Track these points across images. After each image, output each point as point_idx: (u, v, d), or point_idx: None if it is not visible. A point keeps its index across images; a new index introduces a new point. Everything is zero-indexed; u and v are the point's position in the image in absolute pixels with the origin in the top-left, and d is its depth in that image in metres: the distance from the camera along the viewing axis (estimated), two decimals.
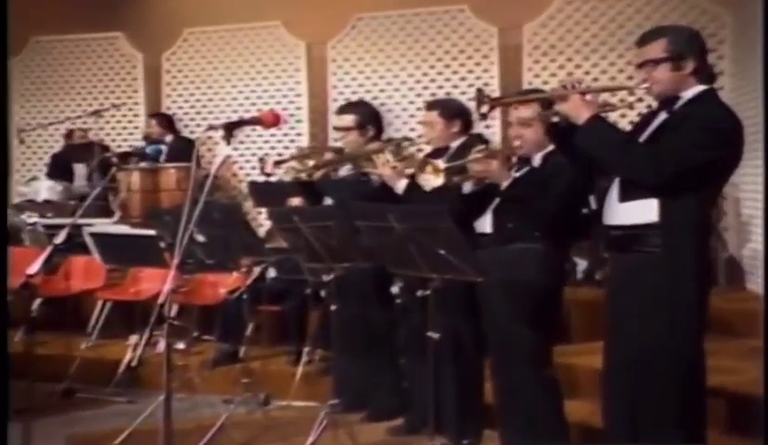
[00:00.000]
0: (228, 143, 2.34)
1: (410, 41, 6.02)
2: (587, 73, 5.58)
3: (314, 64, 6.30)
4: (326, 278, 3.41)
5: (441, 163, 2.97)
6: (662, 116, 2.56)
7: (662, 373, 2.44)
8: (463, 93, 5.71)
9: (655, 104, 2.63)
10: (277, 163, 3.74)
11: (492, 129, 5.60)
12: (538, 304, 2.89)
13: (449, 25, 5.93)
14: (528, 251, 2.91)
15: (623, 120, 4.83)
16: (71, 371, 4.30)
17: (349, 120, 3.80)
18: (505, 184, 2.89)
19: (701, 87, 2.53)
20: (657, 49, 2.51)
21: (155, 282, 4.51)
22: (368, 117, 3.82)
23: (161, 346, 4.36)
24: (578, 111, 2.48)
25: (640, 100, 2.62)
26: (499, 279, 2.89)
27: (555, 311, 3.00)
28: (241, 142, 6.38)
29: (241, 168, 6.48)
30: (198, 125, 6.52)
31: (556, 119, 2.58)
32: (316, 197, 3.80)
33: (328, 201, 3.76)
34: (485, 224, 3.08)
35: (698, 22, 5.34)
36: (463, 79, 5.90)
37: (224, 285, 4.60)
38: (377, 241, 2.90)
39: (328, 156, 3.92)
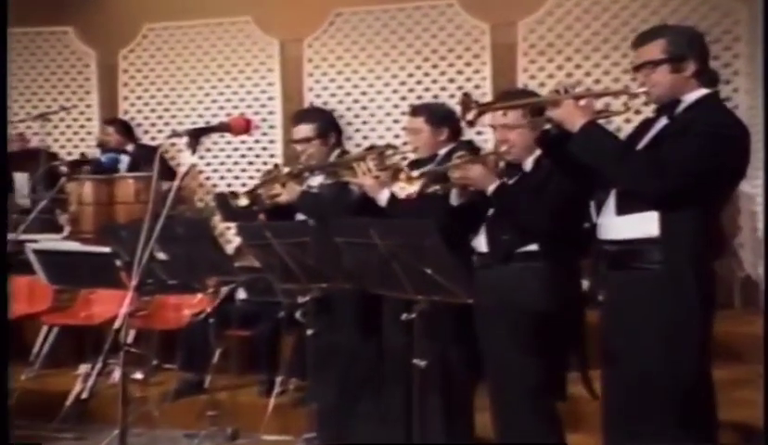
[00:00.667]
0: (194, 151, 2.36)
1: (394, 39, 6.08)
2: (588, 74, 5.65)
3: (289, 64, 6.35)
4: (301, 300, 3.44)
5: (414, 171, 3.02)
6: (662, 122, 2.61)
7: (664, 403, 2.47)
8: (452, 96, 5.76)
9: (648, 110, 2.69)
10: (249, 193, 3.74)
11: (483, 135, 5.65)
12: (540, 330, 2.91)
13: (437, 21, 6.00)
14: (528, 271, 2.95)
15: (628, 125, 4.91)
16: (10, 404, 4.27)
17: (307, 130, 3.82)
18: (490, 188, 2.93)
19: (704, 91, 2.59)
20: (655, 50, 2.57)
21: (109, 305, 4.51)
22: (327, 123, 3.85)
23: (116, 376, 4.34)
24: (571, 118, 2.52)
25: (645, 105, 2.68)
26: (497, 302, 2.93)
27: (562, 338, 3.00)
28: (208, 150, 6.40)
29: (208, 178, 6.49)
30: (160, 131, 6.53)
31: (547, 126, 2.63)
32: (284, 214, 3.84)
33: (300, 218, 3.78)
34: (481, 242, 3.12)
35: (711, 18, 5.43)
36: (452, 81, 5.96)
37: (187, 307, 4.60)
38: (357, 259, 2.93)
39: (285, 171, 3.93)
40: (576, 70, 5.69)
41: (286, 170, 3.73)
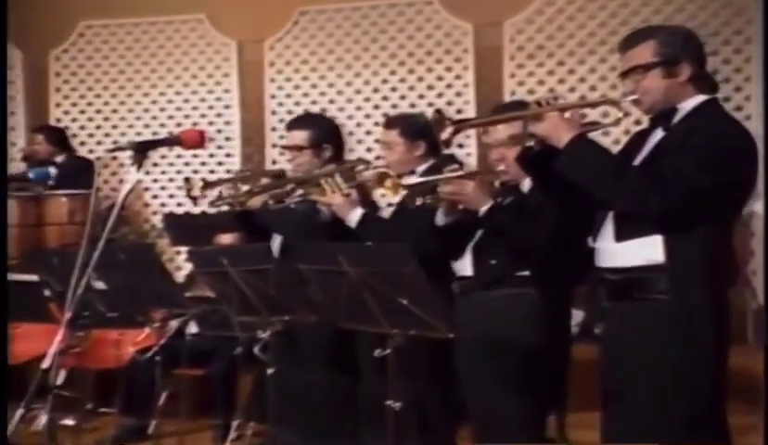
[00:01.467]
0: (139, 167, 2.36)
1: (366, 40, 6.12)
2: (582, 80, 5.72)
3: (248, 68, 6.37)
4: (261, 335, 3.45)
5: (404, 179, 3.04)
6: (658, 134, 2.65)
7: None
8: (430, 105, 5.81)
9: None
10: (206, 185, 3.76)
11: (466, 149, 5.71)
12: (530, 365, 2.95)
13: (414, 21, 6.05)
14: (516, 298, 2.99)
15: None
16: None
17: (300, 137, 3.87)
18: (483, 209, 2.96)
19: (702, 97, 2.63)
20: (645, 53, 2.61)
21: (36, 341, 4.46)
22: (325, 134, 3.90)
23: (42, 421, 4.30)
24: (557, 132, 2.55)
25: (627, 114, 2.72)
26: (481, 334, 2.96)
27: (552, 374, 3.06)
28: (155, 165, 6.39)
29: (155, 197, 6.48)
30: (99, 142, 6.51)
31: (530, 142, 2.65)
32: (257, 232, 3.85)
33: (277, 238, 3.80)
34: (465, 266, 3.15)
35: (721, 16, 5.50)
36: (431, 87, 6.01)
37: (130, 343, 4.58)
38: (325, 289, 2.95)
39: (266, 181, 3.96)
40: (569, 76, 5.72)
41: (245, 188, 3.75)
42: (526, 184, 3.06)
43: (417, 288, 2.69)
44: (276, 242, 3.78)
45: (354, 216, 3.50)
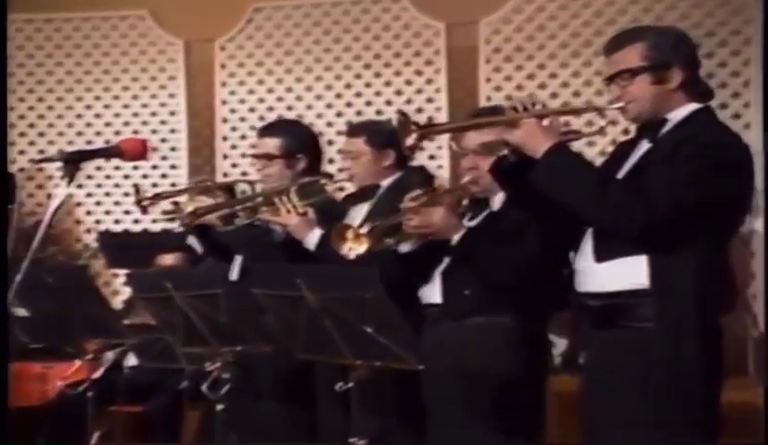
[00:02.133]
0: (71, 180, 2.35)
1: (328, 41, 6.14)
2: (565, 85, 5.76)
3: (196, 70, 6.36)
4: (210, 367, 3.43)
5: (363, 227, 3.04)
6: (644, 145, 2.68)
7: None
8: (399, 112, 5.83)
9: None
10: (156, 197, 3.75)
11: (437, 161, 5.73)
12: (505, 399, 2.97)
13: (380, 20, 6.08)
14: (491, 328, 3.01)
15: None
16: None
17: (272, 145, 3.87)
18: (456, 237, 2.97)
19: (694, 106, 2.67)
20: (632, 56, 2.64)
21: None
22: (300, 142, 3.90)
23: None
24: (534, 141, 2.56)
25: (613, 123, 2.76)
26: (452, 366, 2.98)
27: (529, 409, 3.08)
28: (90, 177, 6.34)
29: (89, 213, 6.42)
30: (23, 152, 6.44)
31: (504, 151, 2.66)
32: (218, 252, 3.84)
33: (238, 259, 3.79)
34: (433, 292, 3.16)
35: (717, 15, 5.53)
36: (399, 93, 6.04)
37: (58, 377, 4.53)
38: (281, 316, 2.95)
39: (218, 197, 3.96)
40: (550, 80, 5.76)
41: (189, 207, 3.73)
42: (497, 200, 3.08)
43: (384, 315, 2.71)
44: (237, 264, 3.77)
45: (313, 237, 3.50)
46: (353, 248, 3.07)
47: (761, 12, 5.20)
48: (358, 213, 3.61)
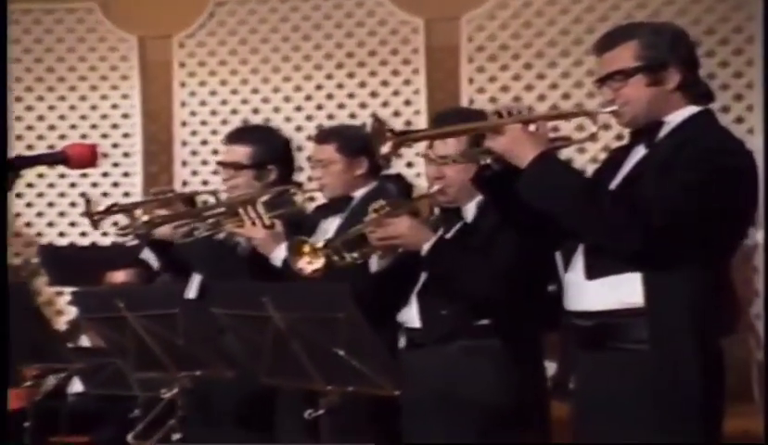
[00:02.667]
0: (9, 188, 2.34)
1: (296, 38, 6.14)
2: (554, 87, 5.78)
3: (152, 70, 6.34)
4: (165, 394, 3.41)
5: (319, 241, 3.05)
6: (640, 151, 2.70)
7: None
8: (374, 116, 5.82)
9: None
10: (109, 210, 3.73)
11: (415, 168, 5.73)
12: (497, 431, 2.98)
13: (354, 15, 6.09)
14: (475, 351, 3.02)
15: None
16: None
17: (240, 153, 3.88)
18: (426, 247, 2.97)
19: (693, 108, 2.69)
20: (625, 56, 2.66)
21: None
22: (271, 151, 3.91)
23: None
24: (519, 149, 2.57)
25: (606, 128, 2.77)
26: (435, 392, 2.99)
27: (521, 438, 3.08)
28: (30, 185, 6.29)
29: (29, 225, 6.37)
30: None
31: (487, 160, 2.68)
32: (177, 268, 3.82)
33: (197, 277, 3.78)
34: (412, 315, 3.17)
35: (717, 11, 5.53)
36: (374, 95, 6.04)
37: None
38: (245, 338, 2.94)
39: (178, 207, 3.95)
40: (538, 81, 5.78)
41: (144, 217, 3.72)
42: (470, 210, 3.10)
43: (357, 337, 2.71)
44: (195, 281, 3.76)
45: (280, 252, 3.50)
46: (311, 264, 3.08)
47: (761, 8, 5.22)
48: (330, 226, 3.62)
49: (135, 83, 6.29)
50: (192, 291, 3.77)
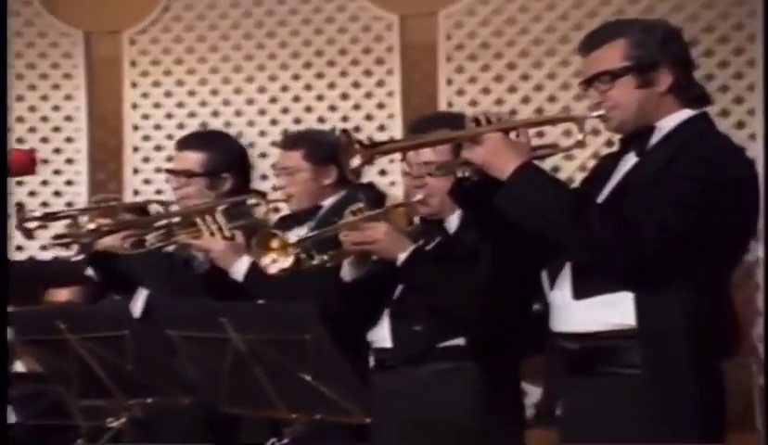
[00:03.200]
0: None
1: (261, 35, 6.13)
2: (539, 88, 5.79)
3: (99, 68, 6.31)
4: (112, 423, 3.39)
5: (291, 235, 3.06)
6: (630, 160, 2.72)
7: None
8: (345, 119, 5.83)
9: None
10: (45, 218, 3.71)
11: (389, 177, 5.73)
12: None
13: (323, 11, 6.08)
14: (451, 374, 3.05)
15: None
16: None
17: (194, 160, 3.92)
18: (401, 257, 2.98)
19: (687, 112, 2.71)
20: (613, 55, 2.68)
21: None
22: (227, 158, 3.96)
23: None
24: (499, 159, 2.59)
25: (595, 134, 2.79)
26: (408, 419, 3.03)
27: None
28: None
29: None
30: None
31: (465, 171, 2.70)
32: (120, 285, 3.80)
33: (142, 293, 3.76)
34: (383, 334, 3.17)
35: (716, 7, 5.48)
36: (345, 97, 6.03)
37: None
38: (201, 362, 2.93)
39: (126, 217, 3.95)
40: (522, 83, 5.77)
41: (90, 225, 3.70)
42: (453, 222, 3.12)
43: (324, 360, 2.72)
44: (140, 298, 3.74)
45: (241, 266, 3.51)
46: (277, 261, 3.08)
47: (762, 4, 5.20)
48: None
49: (80, 83, 6.23)
50: (137, 309, 3.76)
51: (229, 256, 3.52)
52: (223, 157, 3.95)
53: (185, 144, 4.01)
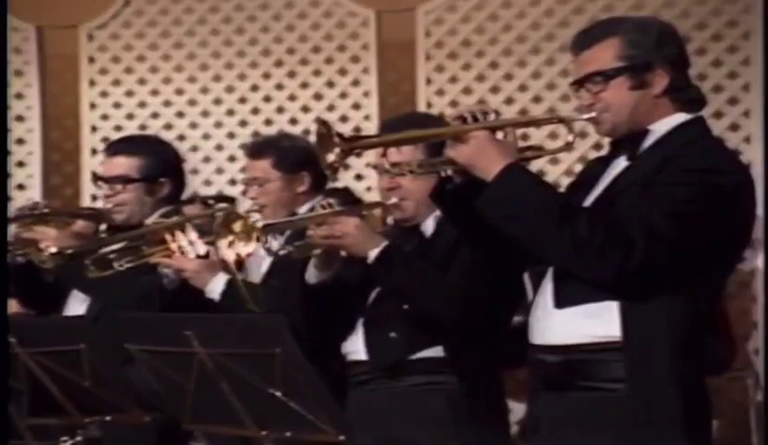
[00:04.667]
0: None
1: (229, 31, 6.13)
2: (523, 89, 5.82)
3: (54, 65, 6.30)
4: (66, 443, 3.37)
5: (258, 220, 3.05)
6: (621, 163, 2.72)
7: None
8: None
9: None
10: None
11: (365, 182, 5.73)
12: None
13: (295, 6, 6.08)
14: (431, 390, 3.05)
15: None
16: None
17: (127, 165, 3.90)
18: (372, 254, 2.97)
19: (682, 116, 2.72)
20: (605, 55, 2.69)
21: None
22: (160, 162, 3.95)
23: None
24: (484, 160, 2.58)
25: (582, 136, 2.80)
26: (384, 437, 3.03)
27: None
28: None
29: None
30: None
31: (447, 171, 2.69)
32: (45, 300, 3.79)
33: (79, 305, 3.73)
34: (357, 346, 3.20)
35: (709, 3, 5.51)
36: (319, 97, 6.05)
37: None
38: (164, 377, 2.93)
39: (79, 226, 3.93)
40: (505, 82, 5.81)
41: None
42: (429, 225, 3.12)
43: (295, 375, 2.71)
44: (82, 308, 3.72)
45: (217, 284, 3.50)
46: (237, 247, 3.08)
47: (760, 1, 5.26)
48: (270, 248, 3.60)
49: (33, 81, 6.21)
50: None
51: (204, 274, 3.51)
52: (159, 161, 3.96)
53: (118, 149, 4.01)
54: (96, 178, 4.19)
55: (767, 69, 5.25)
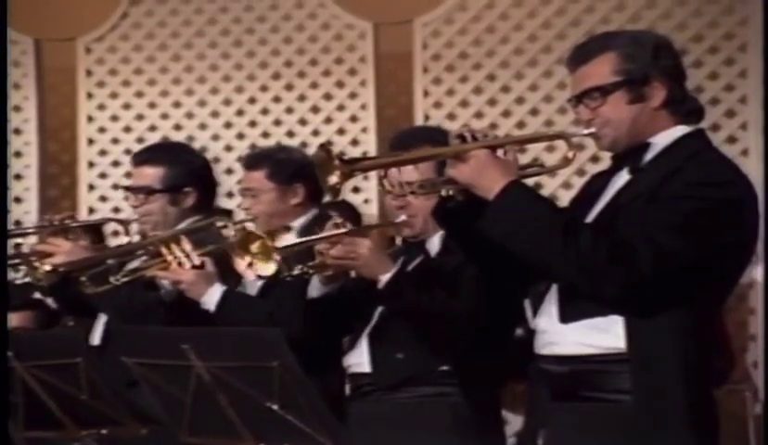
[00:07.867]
0: None
1: (227, 44, 6.13)
2: (521, 101, 5.82)
3: (52, 78, 6.31)
4: None
5: (282, 238, 3.05)
6: (622, 177, 2.73)
7: None
8: (316, 133, 5.86)
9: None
10: None
11: (363, 194, 5.74)
12: None
13: (293, 18, 6.09)
14: (434, 403, 3.05)
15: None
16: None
17: (152, 175, 3.90)
18: (384, 278, 2.98)
19: (682, 129, 2.73)
20: (603, 70, 2.70)
21: None
22: (187, 172, 3.94)
23: None
24: (485, 179, 2.59)
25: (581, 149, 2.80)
26: None
27: None
28: None
29: None
30: None
31: (447, 191, 2.70)
32: (78, 309, 3.80)
33: (102, 319, 3.74)
34: (360, 358, 3.19)
35: (706, 15, 5.51)
36: (316, 110, 6.04)
37: None
38: (162, 391, 2.92)
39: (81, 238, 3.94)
40: (502, 95, 5.81)
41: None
42: (434, 243, 3.13)
43: (293, 389, 2.71)
44: (99, 325, 3.72)
45: (213, 296, 3.50)
46: (259, 268, 3.08)
47: (760, 8, 5.21)
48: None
49: (30, 93, 6.21)
50: (96, 337, 3.75)
51: (199, 286, 3.51)
52: (184, 170, 3.93)
53: (142, 158, 3.99)
54: (125, 188, 4.18)
55: (765, 82, 5.24)
